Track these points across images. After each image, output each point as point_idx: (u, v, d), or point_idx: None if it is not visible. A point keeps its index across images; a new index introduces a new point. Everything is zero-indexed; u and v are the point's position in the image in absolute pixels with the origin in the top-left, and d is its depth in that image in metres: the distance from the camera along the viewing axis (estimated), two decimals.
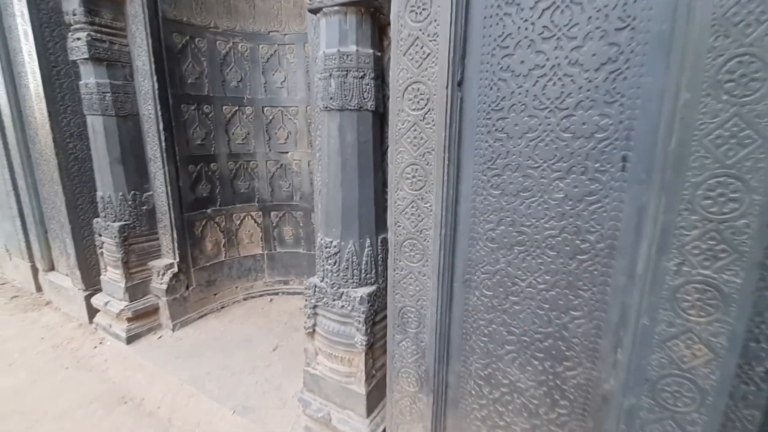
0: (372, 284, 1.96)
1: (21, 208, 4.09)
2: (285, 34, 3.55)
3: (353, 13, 1.68)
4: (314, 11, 1.76)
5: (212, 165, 3.63)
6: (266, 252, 4.12)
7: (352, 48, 1.70)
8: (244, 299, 4.11)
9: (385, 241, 1.95)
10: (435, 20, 1.30)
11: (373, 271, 1.95)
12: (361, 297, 1.86)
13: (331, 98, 1.75)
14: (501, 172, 1.36)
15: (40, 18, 3.05)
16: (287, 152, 3.85)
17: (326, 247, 1.93)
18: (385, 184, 1.96)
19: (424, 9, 1.34)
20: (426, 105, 1.39)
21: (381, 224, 1.95)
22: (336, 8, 1.67)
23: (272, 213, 4.02)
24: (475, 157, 1.38)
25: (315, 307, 2.04)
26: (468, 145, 1.39)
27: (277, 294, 4.22)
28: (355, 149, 1.79)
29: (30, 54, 3.11)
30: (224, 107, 3.59)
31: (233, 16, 3.44)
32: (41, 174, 3.64)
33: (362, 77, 1.73)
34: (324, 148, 1.86)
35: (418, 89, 1.40)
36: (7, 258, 4.78)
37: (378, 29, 1.81)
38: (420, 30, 1.35)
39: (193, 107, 3.39)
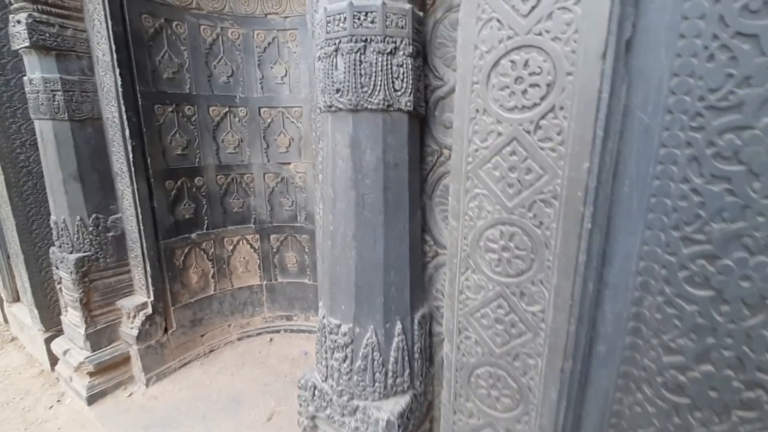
0: (404, 392, 1.20)
1: None
2: (286, 17, 2.83)
3: None
4: None
5: (197, 179, 2.94)
6: (265, 282, 3.42)
7: (375, 0, 0.96)
8: (239, 339, 3.41)
9: (424, 322, 1.20)
10: None
11: (407, 372, 1.20)
12: (388, 421, 1.11)
13: (337, 90, 1.01)
14: (721, 248, 0.59)
15: None
16: (289, 163, 3.13)
17: (331, 333, 1.19)
18: (424, 229, 1.21)
19: None
20: (543, 99, 0.66)
21: (419, 294, 1.20)
22: None
23: (272, 236, 3.31)
24: (653, 212, 0.62)
25: (314, 418, 1.30)
26: (636, 189, 0.63)
27: (278, 332, 3.51)
28: (380, 177, 1.05)
29: None
30: (211, 108, 2.90)
31: None
32: None
33: (392, 52, 0.98)
34: (327, 173, 1.12)
35: (527, 64, 0.66)
36: None
37: None
38: None
39: (170, 109, 2.70)
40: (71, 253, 2.57)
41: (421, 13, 1.05)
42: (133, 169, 2.52)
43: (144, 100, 2.53)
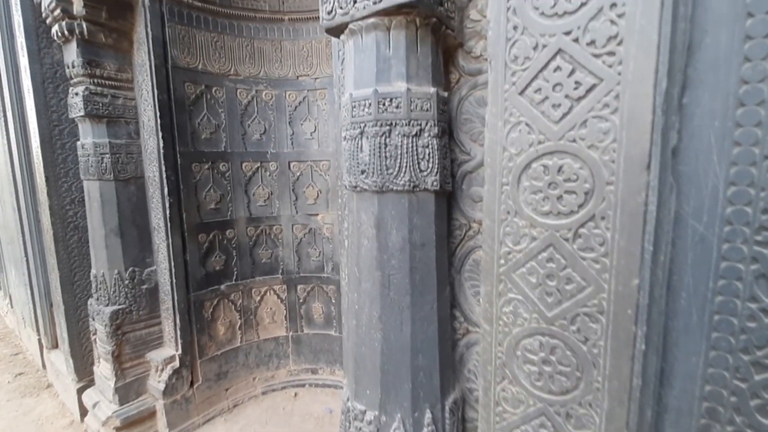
0: None
1: (30, 276, 3.71)
2: (316, 78, 2.98)
3: (401, 26, 0.96)
4: (336, 30, 1.07)
5: (228, 232, 3.02)
6: (291, 334, 3.38)
7: (400, 86, 0.97)
8: (263, 393, 3.34)
9: (456, 408, 1.11)
10: (613, 5, 0.54)
11: None
12: None
13: (362, 172, 1.01)
14: None
15: (43, 72, 2.69)
16: (317, 214, 3.18)
17: (356, 419, 1.11)
18: (454, 305, 1.14)
19: None
20: (582, 206, 0.62)
21: (449, 377, 1.12)
22: (372, 21, 0.96)
23: (299, 287, 3.30)
24: (718, 332, 0.55)
25: None
26: (695, 303, 0.56)
27: (303, 386, 3.41)
28: (406, 258, 1.01)
29: (31, 111, 2.74)
30: (244, 164, 3.02)
31: (257, 61, 2.94)
32: (46, 242, 3.23)
33: (418, 134, 0.98)
34: (352, 251, 1.10)
35: (561, 169, 0.63)
36: (23, 325, 4.44)
37: (443, 54, 1.08)
38: (568, 32, 0.59)
39: (206, 166, 2.84)
40: (107, 305, 2.65)
41: (445, 94, 1.06)
42: (169, 224, 2.62)
43: (183, 159, 2.67)
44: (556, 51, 0.65)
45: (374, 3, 0.93)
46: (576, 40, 0.63)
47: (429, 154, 1.00)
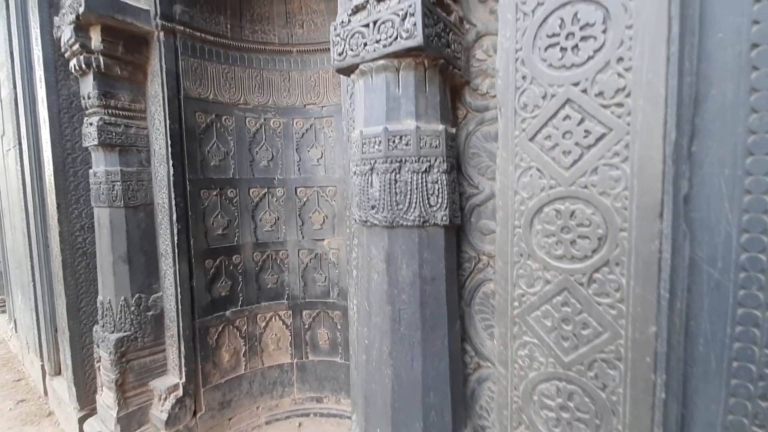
0: None
1: (36, 301, 3.71)
2: (323, 107, 3.05)
3: (410, 68, 0.99)
4: (346, 71, 1.10)
5: (234, 257, 3.03)
6: (296, 361, 3.33)
7: (410, 124, 1.00)
8: (267, 423, 3.26)
9: None
10: (620, 59, 0.56)
11: None
12: None
13: (372, 207, 1.02)
14: None
15: (60, 103, 2.78)
16: (323, 239, 3.19)
17: None
18: (464, 338, 1.13)
19: (586, 39, 0.61)
20: (596, 252, 0.63)
21: (461, 414, 1.10)
22: (382, 62, 1.00)
23: (304, 312, 3.28)
24: (737, 379, 0.54)
25: None
26: (713, 350, 0.56)
27: (307, 415, 3.34)
28: (416, 293, 1.01)
29: (46, 141, 2.82)
30: (251, 190, 3.06)
31: (266, 90, 3.02)
32: (54, 268, 3.25)
33: (427, 171, 1.00)
34: (362, 285, 1.10)
35: (573, 214, 0.63)
36: (27, 351, 4.42)
37: (450, 91, 1.11)
38: (576, 83, 0.61)
39: (215, 192, 2.88)
40: (112, 332, 2.64)
41: (453, 130, 1.08)
42: (177, 250, 2.64)
43: (192, 186, 2.71)
44: (565, 101, 0.67)
45: (384, 46, 0.97)
46: (584, 91, 0.65)
47: (438, 190, 1.01)
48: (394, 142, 1.00)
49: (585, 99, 0.66)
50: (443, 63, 1.02)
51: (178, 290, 2.67)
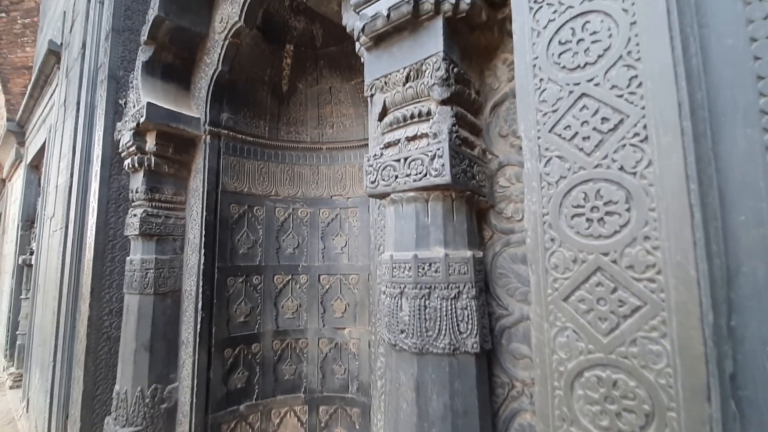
0: None
1: (53, 384, 3.67)
2: (348, 198, 3.21)
3: (438, 199, 1.07)
4: (378, 197, 1.19)
5: (254, 346, 2.98)
6: None
7: (439, 251, 1.04)
8: None
9: None
10: (647, 237, 0.59)
11: None
12: None
13: (402, 331, 1.03)
14: None
15: (109, 194, 3.03)
16: (344, 328, 3.12)
17: None
18: None
19: (611, 213, 0.66)
20: (643, 429, 0.58)
21: None
22: (412, 194, 1.08)
23: (321, 408, 3.10)
24: None
25: None
26: None
27: None
28: (448, 428, 0.96)
29: (91, 228, 3.02)
30: (276, 277, 3.11)
31: (296, 183, 3.23)
32: (77, 352, 3.26)
33: (456, 297, 1.02)
34: (390, 413, 1.06)
35: (615, 385, 0.62)
36: None
37: (476, 214, 1.17)
38: (605, 254, 0.64)
39: (240, 279, 2.94)
40: (124, 426, 2.55)
41: (480, 253, 1.12)
42: (198, 339, 2.63)
43: (219, 274, 2.79)
44: (596, 268, 0.70)
45: (414, 180, 1.05)
46: (614, 262, 0.68)
47: (468, 316, 1.02)
48: (423, 269, 1.03)
49: (616, 269, 0.68)
50: (469, 194, 1.09)
51: (195, 382, 2.62)
